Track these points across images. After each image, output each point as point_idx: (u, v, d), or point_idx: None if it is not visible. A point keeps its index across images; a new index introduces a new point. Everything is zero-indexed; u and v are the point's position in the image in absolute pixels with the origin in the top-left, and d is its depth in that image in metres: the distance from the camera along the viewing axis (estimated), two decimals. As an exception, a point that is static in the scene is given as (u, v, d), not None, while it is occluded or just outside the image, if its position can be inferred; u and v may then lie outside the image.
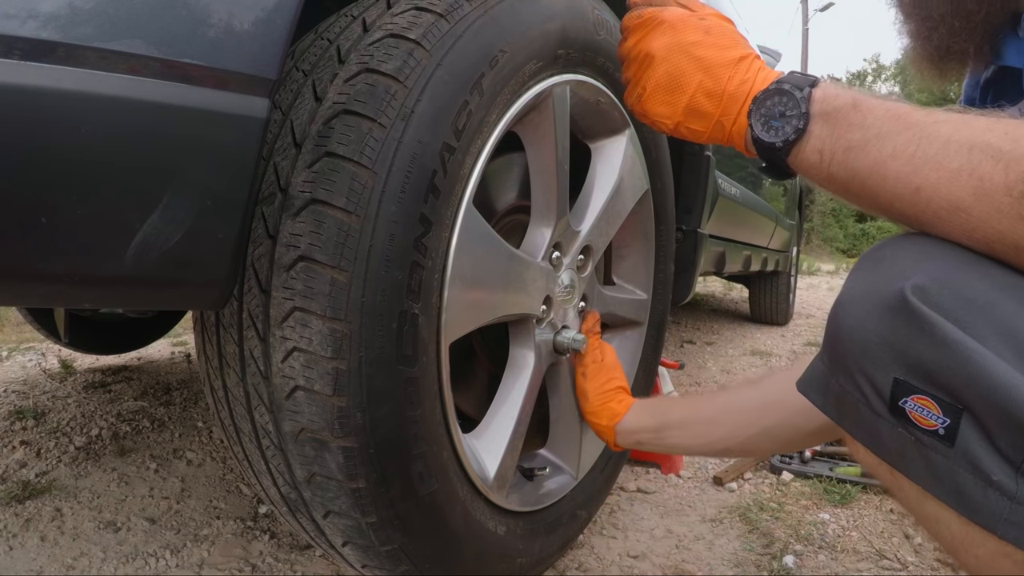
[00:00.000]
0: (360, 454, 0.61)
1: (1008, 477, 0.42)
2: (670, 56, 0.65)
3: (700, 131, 0.65)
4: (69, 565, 1.01)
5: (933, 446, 0.45)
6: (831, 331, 0.50)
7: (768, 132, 0.58)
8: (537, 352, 0.90)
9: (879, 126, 0.52)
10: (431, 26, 0.64)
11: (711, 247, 1.90)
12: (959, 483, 0.44)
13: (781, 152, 0.58)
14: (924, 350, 0.44)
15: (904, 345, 0.45)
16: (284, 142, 0.62)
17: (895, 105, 0.52)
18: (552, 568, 1.05)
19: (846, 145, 0.53)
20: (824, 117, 0.56)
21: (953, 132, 0.48)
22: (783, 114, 0.57)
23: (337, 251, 0.58)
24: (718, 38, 0.65)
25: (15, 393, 1.87)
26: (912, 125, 0.50)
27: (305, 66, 0.66)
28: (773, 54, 3.25)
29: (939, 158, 0.47)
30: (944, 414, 0.44)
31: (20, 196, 0.43)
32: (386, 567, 0.70)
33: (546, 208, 0.89)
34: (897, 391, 0.45)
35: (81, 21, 0.43)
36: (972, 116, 0.48)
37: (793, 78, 0.59)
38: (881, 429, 0.48)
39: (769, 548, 1.13)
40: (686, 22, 0.66)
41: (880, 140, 0.51)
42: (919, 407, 0.45)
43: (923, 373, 0.44)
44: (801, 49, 20.44)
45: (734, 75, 0.62)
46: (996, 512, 0.42)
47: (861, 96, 0.54)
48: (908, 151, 0.49)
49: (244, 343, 0.63)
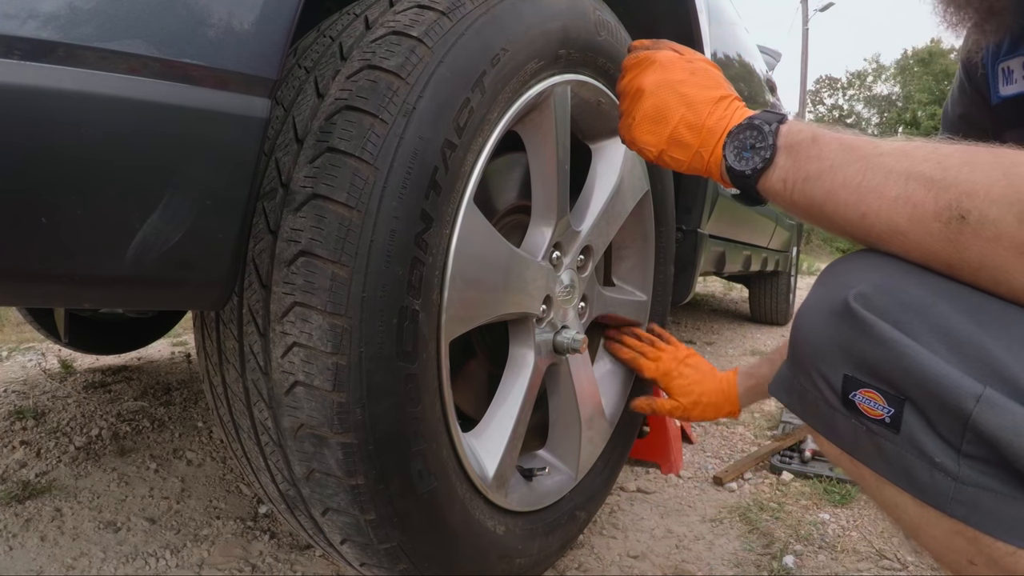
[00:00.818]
0: (359, 451, 0.61)
1: (950, 459, 0.46)
2: (658, 91, 0.72)
3: (681, 160, 0.71)
4: (69, 565, 1.01)
5: (882, 434, 0.50)
6: (792, 337, 0.57)
7: (740, 161, 0.64)
8: (537, 352, 0.90)
9: (833, 158, 0.57)
10: (433, 24, 0.64)
11: (711, 247, 1.90)
12: (907, 467, 0.49)
13: (750, 180, 0.64)
14: (866, 348, 0.49)
15: (849, 345, 0.51)
16: (286, 138, 0.62)
17: (849, 138, 0.58)
18: (552, 568, 1.05)
19: (805, 175, 0.59)
20: (788, 149, 0.61)
21: (894, 163, 0.53)
22: (753, 146, 0.64)
23: (338, 246, 0.58)
24: (702, 79, 0.72)
25: (15, 393, 1.87)
26: (861, 157, 0.55)
27: (307, 63, 0.66)
28: (773, 54, 3.25)
29: (881, 188, 0.53)
30: (889, 404, 0.49)
31: (20, 196, 0.43)
32: (385, 565, 0.70)
33: (546, 208, 0.89)
34: (847, 386, 0.51)
35: (81, 21, 0.43)
36: (913, 146, 0.53)
37: (764, 115, 0.65)
38: (837, 421, 0.53)
39: (769, 548, 1.13)
40: (675, 63, 0.73)
41: (833, 171, 0.57)
42: (867, 399, 0.50)
43: (867, 369, 0.50)
44: (801, 49, 20.45)
45: (713, 111, 0.69)
46: (943, 492, 0.47)
47: (820, 131, 0.60)
48: (855, 181, 0.55)
49: (244, 339, 0.63)
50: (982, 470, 0.45)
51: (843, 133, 0.59)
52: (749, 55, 2.32)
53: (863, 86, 33.02)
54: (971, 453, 0.45)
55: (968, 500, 0.46)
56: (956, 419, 0.45)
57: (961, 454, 0.46)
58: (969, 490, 0.46)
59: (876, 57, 38.67)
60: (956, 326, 0.47)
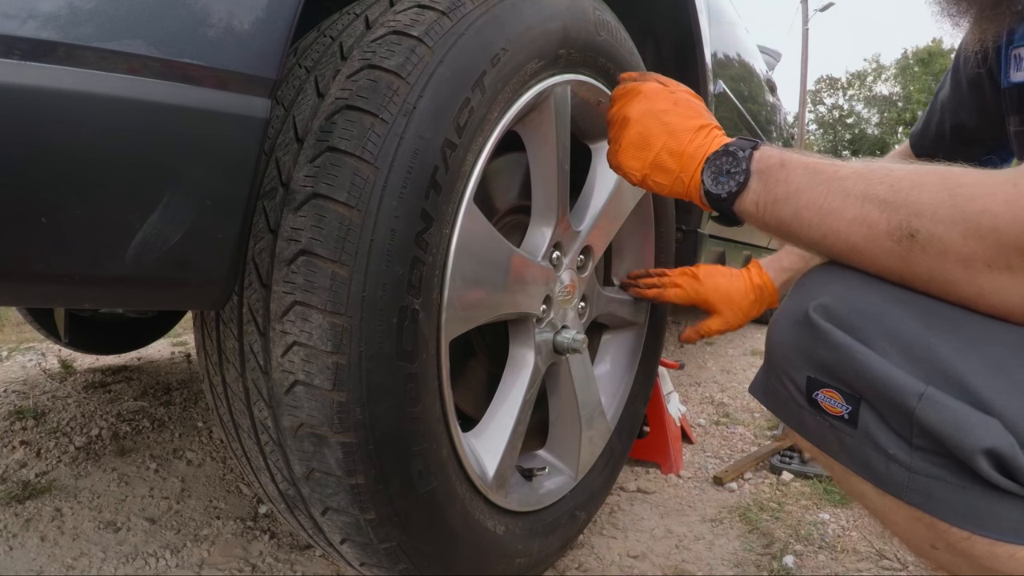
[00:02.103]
0: (359, 450, 0.61)
1: (903, 451, 0.50)
2: (642, 119, 0.77)
3: (663, 183, 0.75)
4: (69, 565, 1.01)
5: (842, 429, 0.55)
6: (766, 344, 0.62)
7: (716, 186, 0.68)
8: (537, 352, 0.90)
9: (798, 181, 0.61)
10: (433, 23, 0.64)
11: (711, 247, 1.90)
12: (866, 458, 0.53)
13: (726, 202, 0.67)
14: (823, 353, 0.55)
15: (810, 350, 0.56)
16: (286, 137, 0.62)
17: (814, 161, 0.62)
18: (552, 568, 1.05)
19: (774, 198, 0.63)
20: (759, 174, 0.65)
21: (852, 186, 0.56)
22: (729, 171, 0.67)
23: (338, 245, 0.58)
24: (683, 109, 0.76)
25: (15, 393, 1.87)
26: (823, 180, 0.59)
27: (307, 63, 0.66)
28: (773, 54, 3.25)
29: (840, 209, 0.57)
30: (846, 402, 0.54)
31: (20, 196, 0.43)
32: (384, 565, 0.70)
33: (546, 208, 0.89)
34: (810, 386, 0.56)
35: (81, 21, 0.43)
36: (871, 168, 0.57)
37: (739, 142, 0.69)
38: (805, 418, 0.58)
39: (769, 548, 1.13)
40: (658, 93, 0.78)
41: (798, 194, 0.60)
42: (828, 398, 0.55)
43: (826, 371, 0.55)
44: (801, 49, 20.45)
45: (694, 139, 0.73)
46: (899, 482, 0.51)
47: (788, 155, 0.64)
48: (817, 203, 0.58)
49: (244, 338, 0.63)
50: (932, 461, 0.49)
51: (810, 157, 0.62)
52: (749, 55, 2.32)
53: (863, 86, 33.03)
54: (921, 445, 0.49)
55: (921, 489, 0.50)
56: (903, 415, 0.49)
57: (912, 446, 0.50)
58: (922, 479, 0.50)
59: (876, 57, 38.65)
60: (907, 330, 0.51)
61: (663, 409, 1.46)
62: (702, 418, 1.93)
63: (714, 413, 1.99)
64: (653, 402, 1.44)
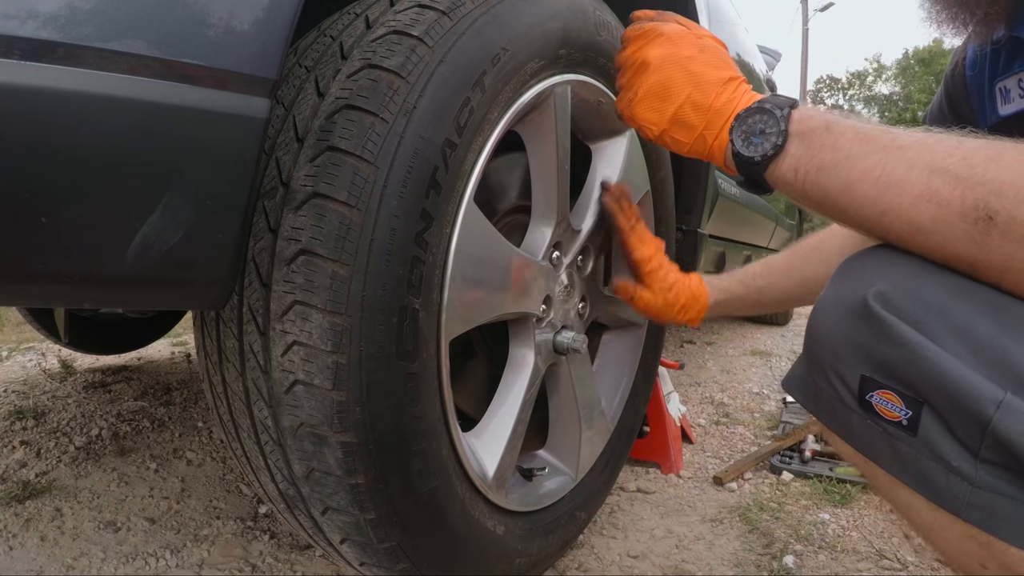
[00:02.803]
0: (359, 450, 0.61)
1: (967, 463, 0.45)
2: (664, 66, 0.68)
3: (683, 141, 0.68)
4: (69, 565, 1.01)
5: (898, 436, 0.49)
6: (808, 335, 0.56)
7: (748, 147, 0.61)
8: (537, 352, 0.90)
9: (848, 148, 0.54)
10: (434, 23, 0.64)
11: (711, 247, 1.90)
12: (923, 470, 0.48)
13: (759, 167, 0.61)
14: (885, 350, 0.48)
15: (868, 346, 0.50)
16: (286, 137, 0.62)
17: (865, 127, 0.55)
18: (552, 568, 1.05)
19: (819, 165, 0.56)
20: (800, 136, 0.58)
21: (916, 157, 0.50)
22: (763, 131, 0.60)
23: (338, 245, 0.58)
24: (711, 57, 0.68)
25: (15, 393, 1.87)
26: (879, 148, 0.53)
27: (308, 62, 0.66)
28: (773, 54, 3.25)
29: (902, 183, 0.50)
30: (906, 406, 0.48)
31: (20, 196, 0.43)
32: (384, 565, 0.70)
33: (547, 208, 0.89)
34: (864, 387, 0.50)
35: (81, 21, 0.43)
36: (936, 139, 0.51)
37: (775, 99, 0.62)
38: (852, 421, 0.52)
39: (769, 548, 1.13)
40: (684, 38, 0.69)
41: (849, 162, 0.54)
42: (884, 400, 0.49)
43: (885, 370, 0.49)
44: (801, 49, 20.45)
45: (722, 93, 0.66)
46: (958, 496, 0.46)
47: (834, 118, 0.57)
48: (874, 175, 0.52)
49: (244, 337, 0.63)
50: (999, 475, 0.45)
51: (857, 121, 0.56)
52: (749, 55, 2.32)
53: (863, 86, 33.04)
54: (989, 458, 0.45)
55: (983, 505, 0.45)
56: (975, 424, 0.44)
57: (979, 459, 0.45)
58: (985, 495, 0.45)
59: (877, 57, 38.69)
60: (977, 328, 0.46)
61: (663, 409, 1.46)
62: (702, 418, 1.93)
63: (714, 413, 1.99)
64: (653, 402, 1.44)
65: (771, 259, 1.01)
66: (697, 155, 0.68)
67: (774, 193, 0.65)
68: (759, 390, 2.29)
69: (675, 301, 0.97)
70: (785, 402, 2.04)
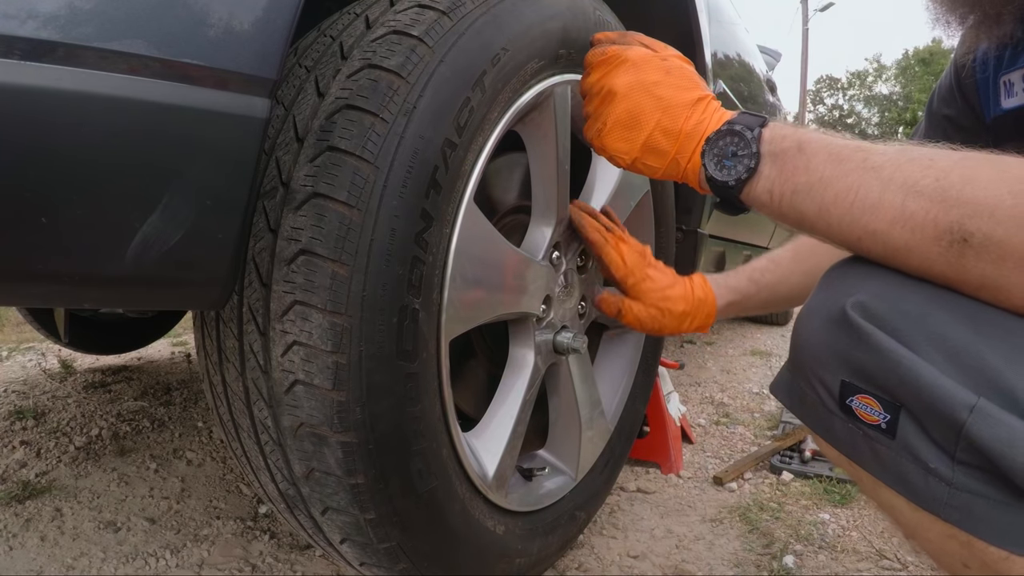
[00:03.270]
0: (359, 450, 0.61)
1: (944, 465, 0.47)
2: (631, 94, 0.67)
3: (656, 167, 0.67)
4: (69, 565, 1.01)
5: (878, 439, 0.50)
6: (793, 342, 0.57)
7: (721, 171, 0.61)
8: (537, 352, 0.90)
9: (821, 170, 0.54)
10: (434, 23, 0.64)
11: (711, 247, 1.90)
12: (903, 472, 0.49)
13: (733, 190, 0.60)
14: (862, 356, 0.50)
15: (847, 352, 0.51)
16: (286, 137, 0.62)
17: (838, 146, 0.55)
18: (552, 568, 1.05)
19: (793, 188, 0.56)
20: (772, 157, 0.58)
21: (889, 178, 0.50)
22: (735, 154, 0.60)
23: (338, 245, 0.58)
24: (678, 79, 0.67)
25: (15, 393, 1.87)
26: (852, 170, 0.52)
27: (308, 62, 0.66)
28: (773, 54, 3.25)
29: (876, 208, 0.50)
30: (885, 410, 0.49)
31: (20, 196, 0.43)
32: (384, 565, 0.70)
33: (546, 208, 0.89)
34: (844, 391, 0.52)
35: (81, 21, 0.43)
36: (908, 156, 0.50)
37: (744, 119, 0.61)
38: (835, 425, 0.53)
39: (769, 548, 1.13)
40: (648, 62, 0.68)
41: (823, 185, 0.54)
42: (864, 405, 0.50)
43: (864, 376, 0.50)
44: (801, 49, 20.45)
45: (691, 115, 0.65)
46: (937, 497, 0.47)
47: (807, 137, 0.57)
48: (848, 198, 0.52)
49: (244, 337, 0.63)
50: (976, 477, 0.45)
51: (829, 137, 0.56)
52: (749, 55, 2.32)
53: (863, 86, 33.04)
54: (964, 460, 0.46)
55: (961, 505, 0.46)
56: (950, 428, 0.45)
57: (955, 461, 0.46)
58: (962, 496, 0.46)
59: (877, 57, 38.70)
60: (953, 335, 0.47)
61: (663, 409, 1.46)
62: (702, 418, 1.93)
63: (714, 413, 1.99)
64: (653, 402, 1.44)
65: (776, 253, 0.97)
66: (671, 179, 0.68)
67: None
68: (759, 390, 2.29)
69: (672, 309, 0.90)
70: (785, 402, 2.03)
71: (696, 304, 0.92)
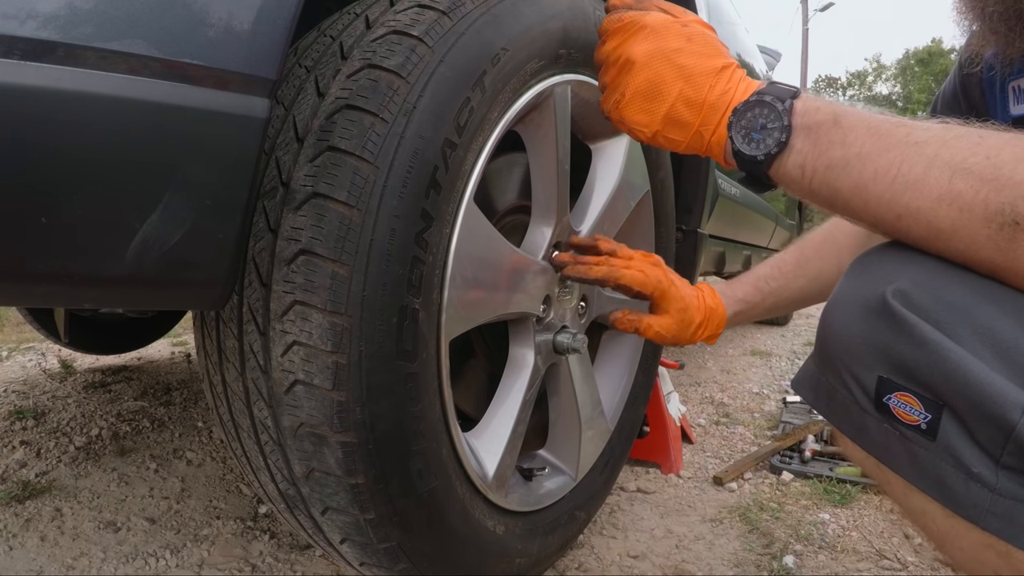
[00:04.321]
0: (359, 450, 0.61)
1: (988, 470, 0.43)
2: (651, 63, 0.63)
3: (678, 140, 0.64)
4: (69, 565, 1.01)
5: (916, 440, 0.47)
6: (821, 333, 0.53)
7: (749, 145, 0.58)
8: (537, 352, 0.90)
9: (860, 144, 0.51)
10: (434, 23, 0.64)
11: (711, 247, 1.90)
12: (942, 476, 0.46)
13: (762, 165, 0.57)
14: (904, 350, 0.46)
15: (886, 345, 0.47)
16: (286, 137, 0.62)
17: (877, 120, 0.52)
18: (552, 568, 1.05)
19: (827, 163, 0.53)
20: (806, 131, 0.55)
21: (935, 155, 0.47)
22: (764, 126, 0.57)
23: (338, 245, 0.58)
24: (700, 46, 0.63)
25: (15, 393, 1.87)
26: (893, 145, 0.49)
27: (308, 62, 0.66)
28: (773, 54, 3.25)
29: (920, 184, 0.47)
30: (926, 410, 0.46)
31: (20, 196, 0.43)
32: (384, 565, 0.70)
33: (547, 208, 0.89)
34: (881, 388, 0.48)
35: (81, 21, 0.43)
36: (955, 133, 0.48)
37: (775, 89, 0.58)
38: (868, 424, 0.50)
39: (769, 548, 1.13)
40: (669, 28, 0.64)
41: (861, 160, 0.51)
42: (902, 403, 0.47)
43: (905, 371, 0.46)
44: (801, 49, 20.45)
45: (716, 85, 0.61)
46: (978, 504, 0.44)
47: (843, 110, 0.54)
48: (889, 174, 0.49)
49: (244, 337, 0.63)
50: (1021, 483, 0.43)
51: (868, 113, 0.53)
52: (749, 55, 2.32)
53: (863, 86, 33.04)
54: (1010, 465, 0.43)
55: (1004, 513, 0.43)
56: (999, 429, 0.42)
57: (1000, 465, 0.43)
58: (1006, 502, 0.43)
59: (876, 57, 38.70)
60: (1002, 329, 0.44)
61: (663, 409, 1.46)
62: (702, 418, 1.93)
63: (714, 413, 1.99)
64: (653, 402, 1.44)
65: (779, 258, 0.96)
66: (694, 152, 0.65)
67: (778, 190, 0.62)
68: (759, 390, 2.29)
69: (692, 320, 0.87)
70: (785, 402, 2.04)
71: (708, 313, 0.90)
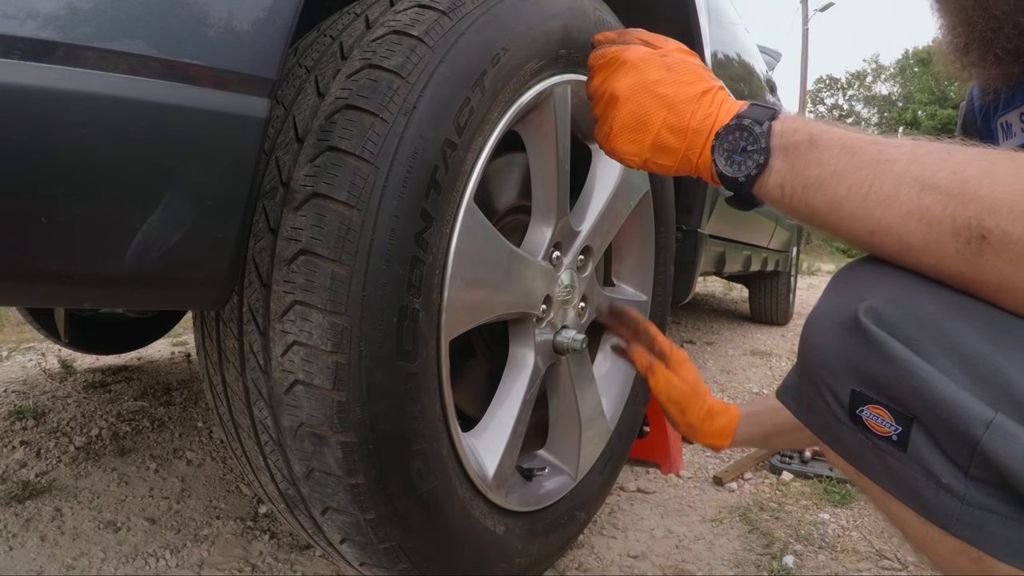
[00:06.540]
0: (359, 450, 0.61)
1: (957, 480, 0.45)
2: (634, 96, 0.66)
3: (668, 165, 0.66)
4: (69, 565, 1.01)
5: (888, 451, 0.49)
6: (801, 347, 0.56)
7: (731, 167, 0.60)
8: (537, 352, 0.90)
9: (835, 163, 0.53)
10: (434, 23, 0.64)
11: (711, 247, 1.90)
12: (914, 485, 0.48)
13: (745, 185, 0.59)
14: (875, 365, 0.48)
15: (858, 361, 0.49)
16: (286, 137, 0.62)
17: (851, 139, 0.53)
18: (552, 568, 1.05)
19: (804, 182, 0.55)
20: (783, 151, 0.57)
21: (904, 171, 0.49)
22: (744, 149, 0.59)
23: (338, 245, 0.58)
24: (680, 74, 0.66)
25: (15, 393, 1.87)
26: (866, 163, 0.51)
27: (308, 62, 0.66)
28: (773, 54, 3.25)
29: (890, 201, 0.49)
30: (896, 422, 0.48)
31: (20, 196, 0.43)
32: (384, 565, 0.70)
33: (547, 208, 0.89)
34: (854, 401, 0.50)
35: (81, 21, 0.43)
36: (925, 149, 0.49)
37: (753, 111, 0.60)
38: (844, 434, 0.52)
39: (769, 548, 1.13)
40: (648, 61, 0.67)
41: (835, 179, 0.52)
42: (874, 415, 0.49)
43: (875, 386, 0.48)
44: (801, 49, 20.45)
45: (697, 110, 0.63)
46: (948, 512, 0.46)
47: (819, 129, 0.56)
48: (861, 192, 0.51)
49: (244, 337, 0.63)
50: (989, 493, 0.44)
51: (842, 130, 0.55)
52: (749, 55, 2.32)
53: (863, 86, 33.05)
54: (978, 476, 0.44)
55: (973, 522, 0.45)
56: (964, 444, 0.44)
57: (968, 476, 0.45)
58: (975, 512, 0.45)
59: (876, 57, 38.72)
60: (970, 345, 0.45)
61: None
62: (702, 418, 1.92)
63: (714, 413, 1.99)
64: (653, 402, 1.44)
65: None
66: (685, 174, 0.67)
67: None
68: (759, 390, 2.29)
69: (703, 390, 0.91)
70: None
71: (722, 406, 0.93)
